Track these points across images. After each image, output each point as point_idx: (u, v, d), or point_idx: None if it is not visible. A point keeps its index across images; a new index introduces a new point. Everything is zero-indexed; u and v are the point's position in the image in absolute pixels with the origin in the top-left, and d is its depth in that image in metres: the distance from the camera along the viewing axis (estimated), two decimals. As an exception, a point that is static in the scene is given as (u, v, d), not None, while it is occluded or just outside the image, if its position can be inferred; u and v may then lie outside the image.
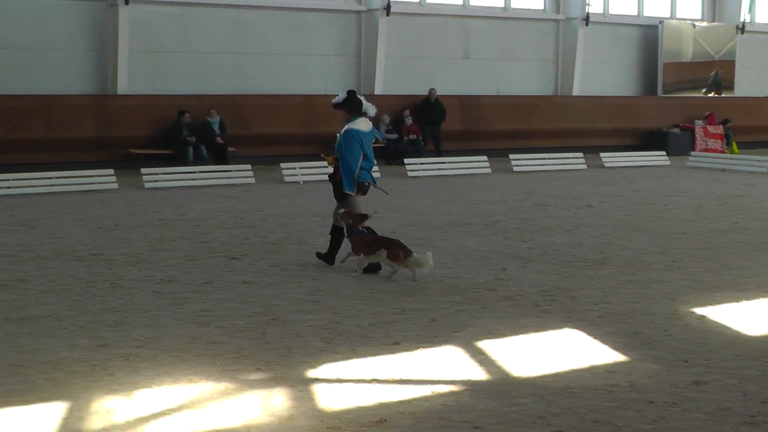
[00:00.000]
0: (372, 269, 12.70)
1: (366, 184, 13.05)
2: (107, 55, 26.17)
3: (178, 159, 25.16)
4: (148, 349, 8.99)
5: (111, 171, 22.48)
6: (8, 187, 21.00)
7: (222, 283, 11.97)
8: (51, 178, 21.80)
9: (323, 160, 13.88)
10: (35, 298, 11.11)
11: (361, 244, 12.49)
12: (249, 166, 24.18)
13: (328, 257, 13.18)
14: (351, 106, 12.95)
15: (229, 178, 23.59)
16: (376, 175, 24.56)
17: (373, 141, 13.27)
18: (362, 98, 13.16)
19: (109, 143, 25.36)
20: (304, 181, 23.79)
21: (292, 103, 28.20)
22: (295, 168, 24.24)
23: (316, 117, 28.16)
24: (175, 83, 27.16)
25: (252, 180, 23.49)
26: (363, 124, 12.93)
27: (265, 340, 9.36)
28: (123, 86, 26.08)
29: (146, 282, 12.03)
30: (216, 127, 25.96)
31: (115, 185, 21.88)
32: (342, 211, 12.71)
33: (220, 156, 25.75)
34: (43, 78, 25.52)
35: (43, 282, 11.99)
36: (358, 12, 29.84)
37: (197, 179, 23.18)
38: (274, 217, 17.83)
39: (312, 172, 24.24)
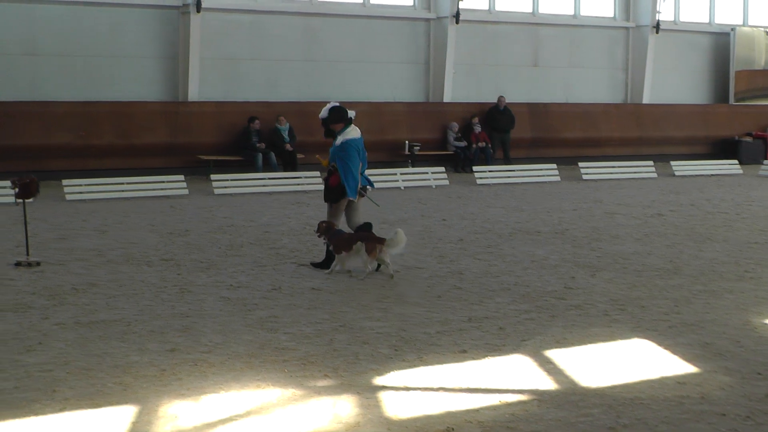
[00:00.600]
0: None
1: (365, 187, 13.80)
2: (178, 62, 26.43)
3: (247, 165, 25.35)
4: (216, 355, 9.03)
5: (181, 177, 22.70)
6: (80, 193, 21.26)
7: (290, 290, 12.01)
8: (122, 183, 22.05)
9: (318, 162, 14.32)
10: (106, 302, 11.22)
11: (341, 242, 12.98)
12: (317, 173, 24.22)
13: (327, 263, 13.43)
14: (341, 117, 13.46)
15: (298, 184, 23.67)
16: (443, 183, 24.77)
17: None
18: (343, 106, 13.63)
19: (179, 149, 25.59)
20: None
21: (361, 110, 28.03)
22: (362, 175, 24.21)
23: (384, 125, 28.25)
24: (246, 90, 27.34)
25: (320, 186, 23.48)
26: (354, 132, 13.52)
27: (333, 346, 9.37)
28: (194, 93, 26.31)
29: (215, 287, 12.10)
30: (285, 134, 26.09)
31: (186, 191, 22.07)
32: (318, 232, 13.36)
33: (289, 163, 25.87)
34: (115, 85, 25.84)
35: (113, 286, 12.10)
36: (428, 20, 29.83)
37: (266, 186, 23.30)
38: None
39: (379, 180, 24.26)
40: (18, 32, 24.90)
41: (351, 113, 13.60)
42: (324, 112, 13.54)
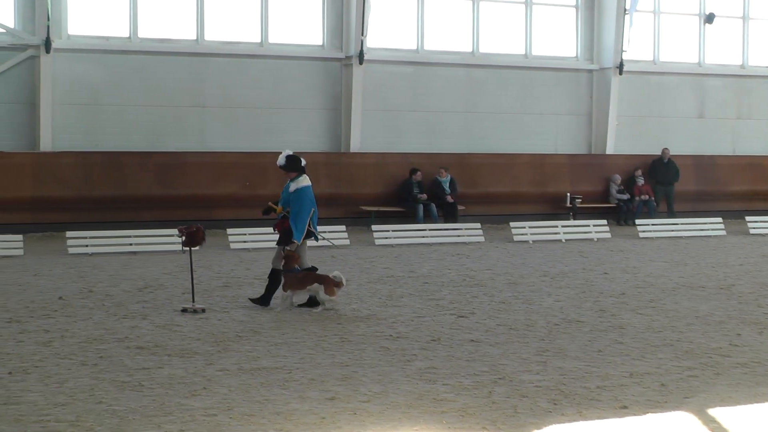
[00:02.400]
0: (312, 304, 14.10)
1: (311, 230, 14.49)
2: (341, 113, 26.85)
3: (408, 217, 25.51)
4: (375, 404, 9.08)
5: (343, 227, 22.95)
6: (244, 242, 21.69)
7: (449, 341, 12.00)
8: (285, 233, 22.37)
9: (271, 209, 14.63)
10: (268, 349, 11.40)
11: (293, 280, 14.00)
12: (478, 225, 24.25)
13: (264, 300, 14.26)
14: (297, 165, 14.35)
15: (459, 236, 23.69)
16: (605, 236, 24.47)
17: None
18: (297, 155, 14.61)
19: (341, 200, 25.92)
20: (533, 241, 23.67)
21: (522, 162, 28.21)
22: (524, 227, 24.16)
23: (546, 176, 28.15)
24: (407, 141, 27.58)
25: (481, 238, 23.53)
26: (306, 180, 14.41)
27: (492, 399, 9.31)
28: (356, 144, 26.67)
29: (375, 337, 12.17)
30: (446, 186, 26.20)
31: (347, 241, 22.30)
32: (288, 248, 14.15)
33: (449, 214, 25.95)
34: (279, 136, 26.35)
35: (276, 334, 12.30)
36: (590, 71, 29.65)
37: (427, 237, 23.39)
38: (503, 276, 17.80)
39: (541, 232, 24.16)
40: (187, 85, 25.73)
41: (303, 162, 14.48)
42: (281, 160, 14.39)
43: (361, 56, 26.36)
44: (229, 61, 26.05)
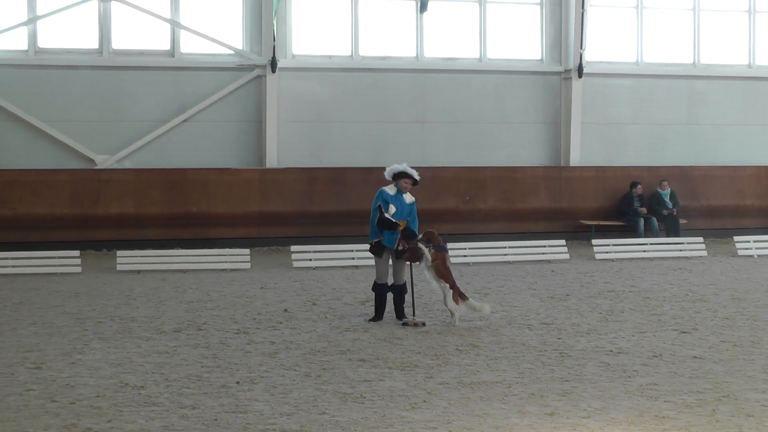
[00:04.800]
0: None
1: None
2: (560, 126, 26.74)
3: (628, 230, 25.20)
4: (595, 420, 9.03)
5: (563, 241, 22.85)
6: (464, 256, 21.84)
7: (671, 357, 11.81)
8: (505, 247, 22.46)
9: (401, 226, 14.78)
10: (487, 363, 11.48)
11: (440, 259, 14.26)
12: (701, 239, 23.73)
13: (401, 314, 14.43)
14: None
15: (681, 250, 23.22)
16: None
17: None
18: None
19: (561, 214, 25.82)
20: (758, 255, 22.99)
21: (747, 174, 27.45)
22: (749, 241, 23.49)
23: (776, 189, 27.33)
24: (627, 154, 27.25)
25: (704, 253, 23.01)
26: None
27: (715, 417, 9.14)
28: (575, 158, 26.51)
29: (595, 353, 12.10)
30: (667, 199, 25.76)
31: (567, 255, 22.18)
32: (421, 244, 14.52)
33: (671, 228, 25.48)
34: (499, 150, 26.48)
35: (495, 348, 12.36)
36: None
37: (648, 251, 23.01)
38: (727, 291, 17.37)
39: (767, 246, 23.43)
40: (408, 101, 26.12)
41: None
42: (416, 175, 15.25)
43: (580, 70, 26.22)
44: (448, 77, 26.32)
